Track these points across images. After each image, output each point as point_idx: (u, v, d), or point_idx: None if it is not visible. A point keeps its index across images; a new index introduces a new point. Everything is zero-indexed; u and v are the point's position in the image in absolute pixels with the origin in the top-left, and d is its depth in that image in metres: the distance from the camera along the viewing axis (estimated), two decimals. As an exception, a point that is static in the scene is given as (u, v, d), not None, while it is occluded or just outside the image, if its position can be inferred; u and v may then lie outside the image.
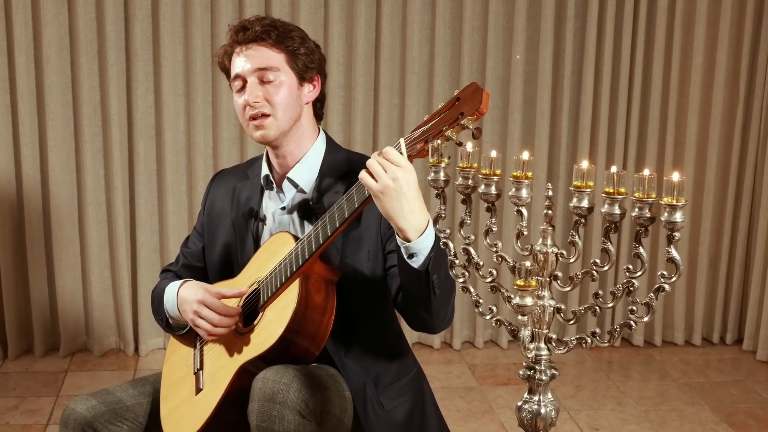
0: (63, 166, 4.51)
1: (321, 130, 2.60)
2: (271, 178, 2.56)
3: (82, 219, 4.57)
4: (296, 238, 2.37)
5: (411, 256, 2.17)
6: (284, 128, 2.47)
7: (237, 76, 2.49)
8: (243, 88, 2.48)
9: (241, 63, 2.47)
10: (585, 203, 2.06)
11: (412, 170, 2.12)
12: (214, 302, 2.43)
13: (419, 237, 2.14)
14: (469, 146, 2.15)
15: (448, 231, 2.25)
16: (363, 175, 2.13)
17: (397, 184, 2.09)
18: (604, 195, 2.03)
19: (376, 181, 2.10)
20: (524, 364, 2.21)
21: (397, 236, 2.17)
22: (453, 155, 2.12)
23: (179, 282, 2.58)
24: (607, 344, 2.10)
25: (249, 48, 2.47)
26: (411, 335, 4.68)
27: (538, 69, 4.70)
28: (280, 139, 2.48)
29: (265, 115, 2.45)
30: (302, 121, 2.51)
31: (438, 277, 2.19)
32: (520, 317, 2.11)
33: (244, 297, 2.46)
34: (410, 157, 2.13)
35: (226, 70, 2.55)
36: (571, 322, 2.15)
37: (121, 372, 4.50)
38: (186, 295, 2.51)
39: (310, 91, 2.53)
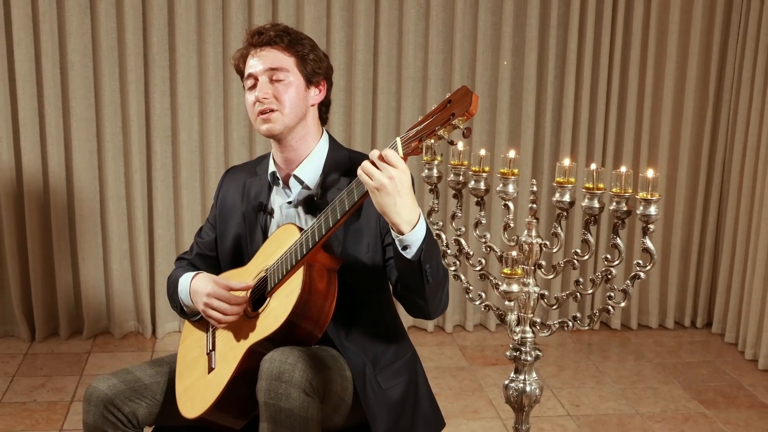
0: (86, 163, 4.50)
1: (324, 131, 2.60)
2: (278, 175, 2.56)
3: (104, 212, 4.57)
4: (301, 230, 2.37)
5: (405, 247, 2.17)
6: (289, 124, 2.46)
7: (249, 75, 2.49)
8: (254, 86, 2.48)
9: (254, 63, 2.48)
10: (567, 198, 2.06)
11: (407, 170, 2.12)
12: (222, 294, 2.43)
13: (411, 230, 2.14)
14: (460, 145, 2.15)
15: (440, 223, 2.25)
16: (360, 173, 2.13)
17: (392, 183, 2.09)
18: (584, 190, 2.03)
19: (372, 179, 2.10)
20: (511, 345, 2.21)
21: (391, 230, 2.17)
22: (445, 153, 2.12)
23: (192, 274, 2.58)
24: (587, 327, 2.10)
25: (263, 50, 2.47)
26: (407, 320, 4.68)
27: (524, 74, 4.69)
28: (285, 134, 2.48)
29: (272, 111, 2.45)
30: (307, 121, 2.51)
31: (430, 266, 2.19)
32: (507, 303, 2.11)
33: (253, 285, 2.46)
34: (405, 155, 2.13)
35: (241, 72, 2.54)
36: (554, 307, 2.15)
37: (140, 353, 4.50)
38: (197, 287, 2.51)
39: (316, 95, 2.53)
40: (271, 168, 2.58)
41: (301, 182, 2.52)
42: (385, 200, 2.11)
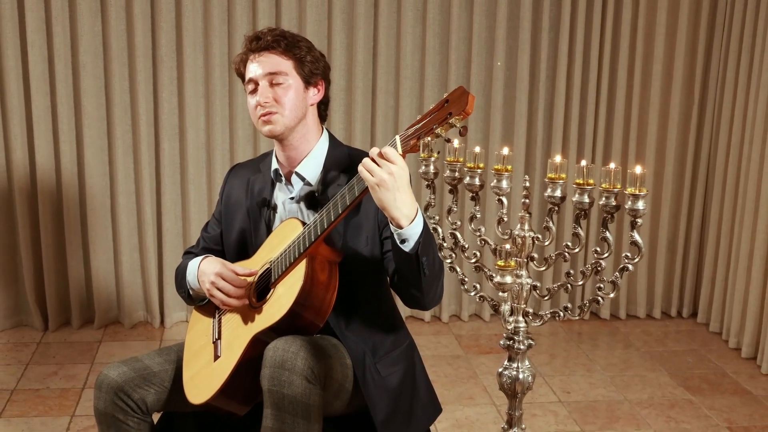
0: (97, 160, 4.50)
1: (324, 129, 2.59)
2: (280, 172, 2.56)
3: (114, 207, 4.57)
4: (304, 224, 2.37)
5: (403, 241, 2.17)
6: (290, 125, 2.46)
7: (250, 80, 2.48)
8: (255, 90, 2.47)
9: (254, 68, 2.47)
10: (558, 193, 2.05)
11: (405, 167, 2.12)
12: (229, 275, 2.43)
13: (409, 224, 2.14)
14: (456, 142, 2.15)
15: (437, 218, 2.25)
16: (361, 169, 2.13)
17: (391, 179, 2.09)
18: (575, 185, 2.03)
19: (372, 175, 2.10)
20: (504, 335, 2.20)
21: (390, 224, 2.17)
22: (441, 150, 2.11)
23: (201, 257, 2.58)
24: (577, 317, 2.10)
25: (261, 55, 2.46)
26: (404, 310, 4.68)
27: (517, 74, 4.69)
28: (286, 134, 2.47)
29: (273, 113, 2.44)
30: (307, 121, 2.51)
31: (427, 259, 2.20)
32: (501, 294, 2.11)
33: (258, 275, 2.46)
34: (404, 153, 2.13)
35: (242, 75, 2.54)
36: (546, 298, 2.15)
37: (149, 342, 4.50)
38: (205, 268, 2.51)
39: (314, 95, 2.53)
40: (274, 165, 2.58)
41: (302, 179, 2.51)
42: (385, 196, 2.11)
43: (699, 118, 4.90)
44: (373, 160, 2.12)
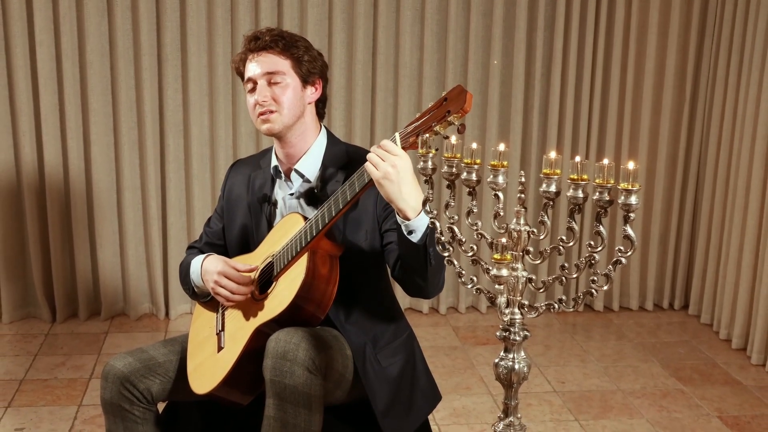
0: (104, 156, 4.50)
1: (323, 126, 2.59)
2: (280, 169, 2.56)
3: (120, 202, 4.57)
4: (305, 219, 2.38)
5: (410, 232, 2.18)
6: (288, 123, 2.46)
7: (249, 79, 2.48)
8: (254, 89, 2.47)
9: (252, 68, 2.47)
10: (553, 188, 2.05)
11: (408, 159, 2.13)
12: (232, 273, 2.43)
13: (416, 216, 2.15)
14: (454, 139, 2.15)
15: (435, 212, 2.25)
16: (367, 164, 2.14)
17: (395, 171, 2.10)
18: (569, 181, 2.02)
19: (378, 169, 2.11)
20: (501, 326, 2.20)
21: (397, 216, 2.18)
22: (440, 146, 2.11)
23: (203, 256, 2.58)
24: (571, 309, 2.10)
25: (260, 55, 2.47)
26: (403, 301, 4.68)
27: (513, 72, 4.69)
28: (284, 132, 2.47)
29: (271, 112, 2.44)
30: (305, 119, 2.50)
31: (433, 249, 2.20)
32: (497, 286, 2.11)
33: (260, 270, 2.46)
34: (403, 149, 2.13)
35: (241, 74, 2.54)
36: (541, 290, 2.15)
37: (154, 333, 4.50)
38: (208, 267, 2.51)
39: (312, 93, 2.53)
40: (274, 162, 2.58)
41: (301, 176, 2.51)
42: (391, 188, 2.12)
43: (690, 115, 4.90)
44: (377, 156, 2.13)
